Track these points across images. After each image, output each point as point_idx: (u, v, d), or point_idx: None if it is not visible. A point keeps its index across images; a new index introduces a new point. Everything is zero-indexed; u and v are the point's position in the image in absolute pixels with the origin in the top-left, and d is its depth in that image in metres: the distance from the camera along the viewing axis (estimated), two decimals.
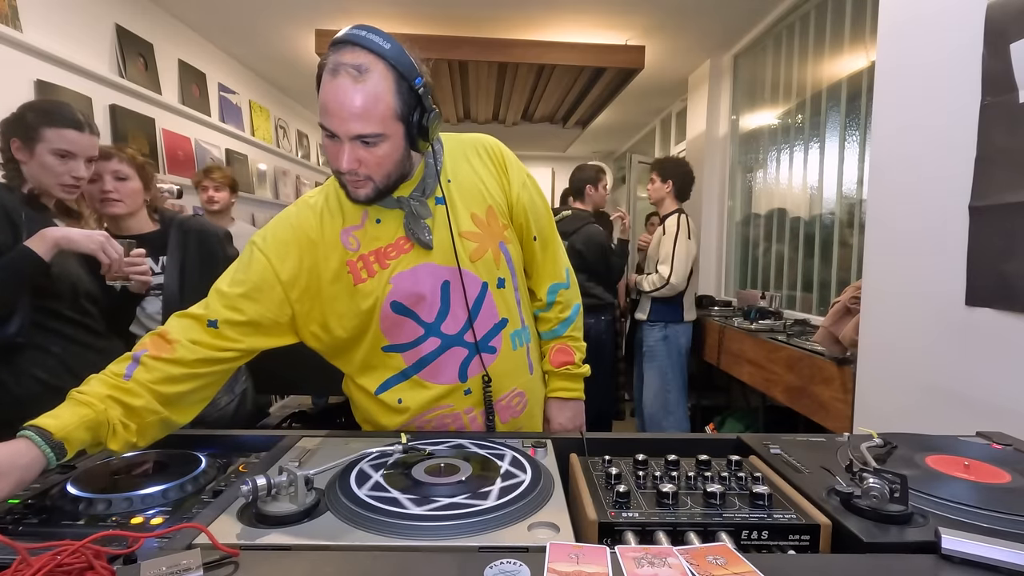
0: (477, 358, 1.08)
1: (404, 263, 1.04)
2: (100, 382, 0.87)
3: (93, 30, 2.90)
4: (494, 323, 1.10)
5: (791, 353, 2.45)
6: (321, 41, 3.75)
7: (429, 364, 1.07)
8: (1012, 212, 1.19)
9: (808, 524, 0.66)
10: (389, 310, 1.04)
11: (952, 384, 1.35)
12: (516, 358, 1.13)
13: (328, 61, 0.93)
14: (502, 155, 1.14)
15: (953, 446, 0.89)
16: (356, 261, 1.04)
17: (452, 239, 1.05)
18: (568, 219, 3.00)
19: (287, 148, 5.43)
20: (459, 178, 1.10)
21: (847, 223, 2.85)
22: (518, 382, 1.14)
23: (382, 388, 1.09)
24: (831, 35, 3.03)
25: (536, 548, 0.61)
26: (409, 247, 1.05)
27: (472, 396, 1.09)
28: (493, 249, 1.09)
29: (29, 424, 0.77)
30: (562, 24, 3.72)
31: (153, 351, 0.92)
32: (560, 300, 1.22)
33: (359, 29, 0.93)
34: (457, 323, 1.07)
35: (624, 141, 7.69)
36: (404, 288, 1.04)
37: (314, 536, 0.65)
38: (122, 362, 0.91)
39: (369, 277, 1.03)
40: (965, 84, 1.30)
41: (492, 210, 1.11)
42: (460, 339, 1.07)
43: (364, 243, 1.04)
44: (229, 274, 1.03)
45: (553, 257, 1.23)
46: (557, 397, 1.22)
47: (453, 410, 1.09)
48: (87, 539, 0.56)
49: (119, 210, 1.67)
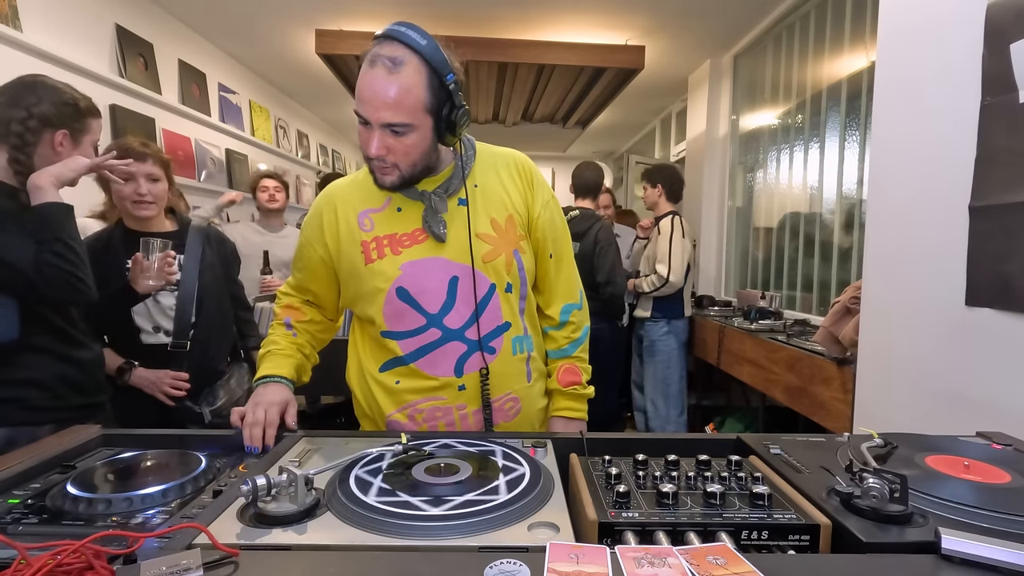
0: (476, 355, 1.10)
1: (416, 253, 1.09)
2: (283, 338, 1.18)
3: (93, 30, 2.90)
4: (497, 324, 1.12)
5: (791, 353, 2.45)
6: (321, 41, 3.75)
7: (427, 354, 1.09)
8: (1012, 212, 1.19)
9: (808, 524, 0.66)
10: (394, 295, 1.08)
11: (952, 384, 1.35)
12: (515, 363, 1.15)
13: (368, 53, 0.98)
14: (531, 172, 1.20)
15: (953, 446, 0.89)
16: (370, 242, 1.10)
17: (469, 236, 1.09)
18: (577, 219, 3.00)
19: (287, 148, 5.44)
20: (485, 185, 1.14)
21: (847, 223, 2.85)
22: (514, 387, 1.15)
23: (384, 368, 1.14)
24: (831, 35, 3.03)
25: (536, 548, 0.61)
26: (424, 238, 1.09)
27: (466, 393, 1.11)
28: (507, 255, 1.12)
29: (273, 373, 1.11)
30: (562, 24, 3.72)
31: (296, 317, 1.21)
32: (573, 321, 1.25)
33: (400, 25, 0.99)
34: (461, 318, 1.09)
35: (624, 141, 7.69)
36: (413, 276, 1.08)
37: (314, 536, 0.65)
38: (281, 326, 1.20)
39: (379, 259, 1.09)
40: (965, 84, 1.30)
41: (512, 219, 1.14)
42: (461, 334, 1.09)
43: (379, 226, 1.10)
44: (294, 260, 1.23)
45: (568, 278, 1.25)
46: (562, 416, 1.23)
47: (445, 403, 1.11)
48: (87, 539, 0.56)
49: (151, 212, 1.68)
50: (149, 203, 1.65)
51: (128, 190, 1.62)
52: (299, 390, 2.15)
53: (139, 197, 1.63)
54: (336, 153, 7.13)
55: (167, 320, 1.70)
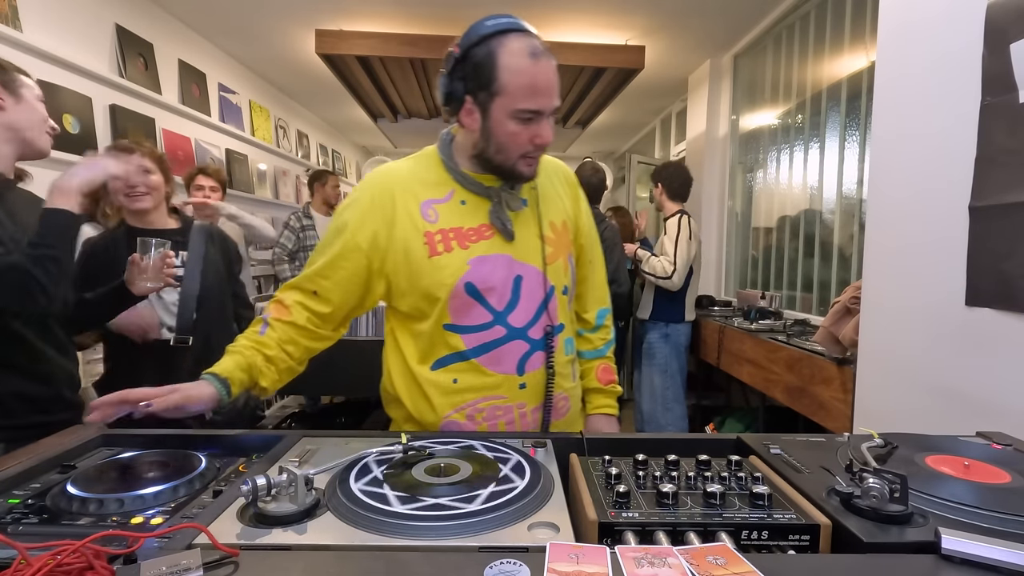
0: (537, 354, 1.10)
1: (484, 248, 1.08)
2: (244, 338, 1.08)
3: (93, 30, 2.90)
4: (554, 325, 1.13)
5: (791, 353, 2.45)
6: (321, 41, 3.74)
7: (491, 351, 1.09)
8: (1012, 212, 1.19)
9: (808, 524, 0.66)
10: (462, 290, 1.06)
11: (952, 384, 1.35)
12: (567, 363, 1.17)
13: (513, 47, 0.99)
14: (576, 181, 1.25)
15: (953, 446, 0.89)
16: (435, 234, 1.07)
17: (540, 235, 1.11)
18: None
19: (287, 148, 5.44)
20: (543, 188, 1.16)
21: (847, 223, 2.85)
22: (565, 386, 1.17)
23: (438, 364, 1.10)
24: (831, 35, 3.03)
25: (536, 548, 0.60)
26: (490, 235, 1.09)
27: (526, 391, 1.11)
28: (563, 258, 1.15)
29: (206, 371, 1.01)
30: (562, 24, 3.72)
31: (277, 314, 1.09)
32: (607, 324, 1.32)
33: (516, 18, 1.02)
34: (526, 317, 1.10)
35: (624, 141, 7.69)
36: (480, 272, 1.07)
37: (314, 536, 0.65)
38: (256, 324, 1.10)
39: (446, 252, 1.07)
40: (965, 84, 1.30)
41: (566, 225, 1.18)
42: (524, 333, 1.10)
43: (444, 218, 1.08)
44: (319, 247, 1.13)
45: (602, 282, 1.32)
46: (603, 413, 1.27)
47: (506, 402, 1.10)
48: (87, 539, 0.56)
49: (147, 204, 1.70)
50: (142, 194, 1.67)
51: (119, 184, 1.61)
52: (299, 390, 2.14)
53: (130, 189, 1.64)
54: (336, 153, 7.13)
55: (170, 316, 1.71)
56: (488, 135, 1.03)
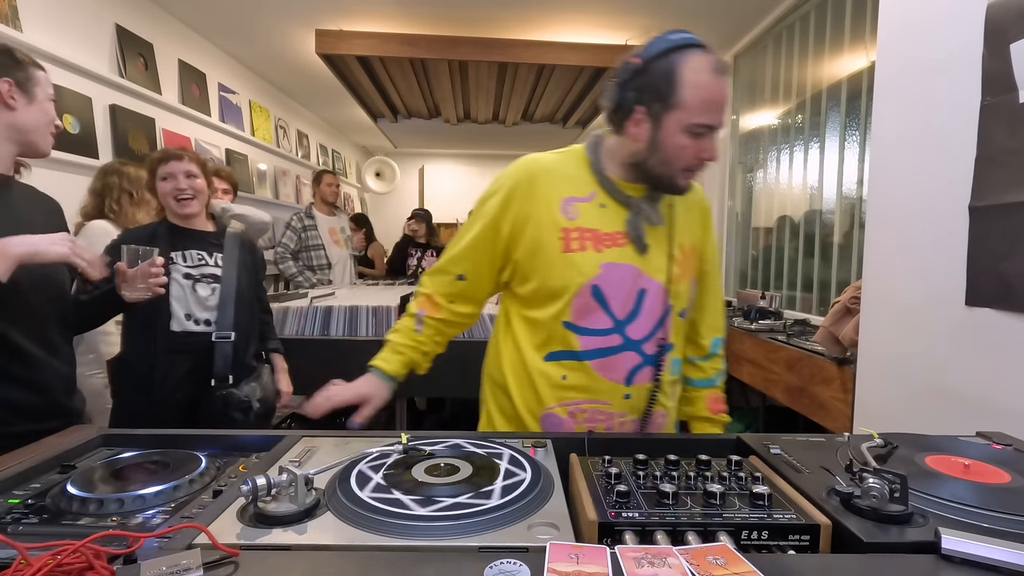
0: (646, 369, 1.11)
1: (616, 256, 1.09)
2: (403, 335, 1.19)
3: (93, 30, 2.90)
4: (667, 343, 1.14)
5: (791, 353, 2.45)
6: (321, 41, 3.75)
7: (605, 357, 1.10)
8: (1012, 212, 1.19)
9: (808, 524, 0.66)
10: (588, 291, 1.07)
11: (952, 384, 1.34)
12: (671, 383, 1.18)
13: (695, 62, 1.00)
14: (708, 210, 1.25)
15: (953, 446, 0.89)
16: (572, 230, 1.09)
17: (670, 254, 1.12)
18: None
19: (287, 148, 5.43)
20: (679, 209, 1.17)
21: (847, 223, 2.85)
22: (666, 404, 1.17)
23: (551, 357, 1.12)
24: (831, 35, 3.03)
25: (536, 548, 0.60)
26: (624, 243, 1.10)
27: (630, 402, 1.12)
28: (687, 281, 1.16)
29: (373, 364, 1.15)
30: (562, 24, 3.72)
31: (430, 312, 1.19)
32: (720, 353, 1.30)
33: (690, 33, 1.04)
34: (643, 330, 1.10)
35: None
36: (609, 278, 1.08)
37: (314, 536, 0.65)
38: (410, 318, 1.20)
39: (580, 251, 1.08)
40: (965, 84, 1.30)
41: (694, 248, 1.19)
42: (639, 346, 1.10)
43: (583, 217, 1.10)
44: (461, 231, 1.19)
45: (719, 310, 1.30)
46: None
47: (609, 408, 1.11)
48: (87, 539, 0.56)
49: (195, 208, 1.82)
50: (189, 198, 1.79)
51: (168, 187, 1.77)
52: (299, 390, 2.16)
53: (179, 192, 1.77)
54: (336, 153, 7.13)
55: (201, 309, 1.81)
56: (656, 146, 1.04)
